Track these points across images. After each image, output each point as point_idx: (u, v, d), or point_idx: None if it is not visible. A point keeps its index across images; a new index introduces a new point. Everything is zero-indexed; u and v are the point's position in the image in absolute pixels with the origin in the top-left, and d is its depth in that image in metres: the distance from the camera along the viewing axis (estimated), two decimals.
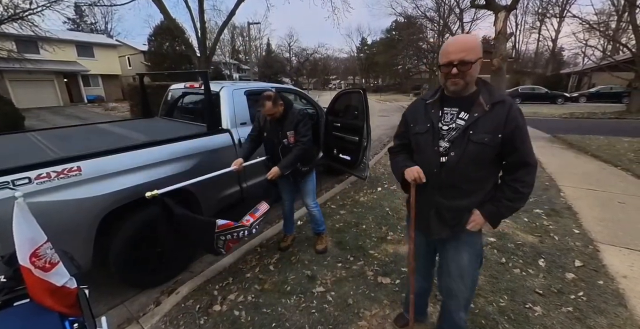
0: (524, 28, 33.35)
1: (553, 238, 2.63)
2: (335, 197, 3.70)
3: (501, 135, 1.08)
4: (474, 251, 1.26)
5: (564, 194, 3.64)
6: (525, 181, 1.13)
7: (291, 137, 2.14)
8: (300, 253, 2.49)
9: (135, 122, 3.62)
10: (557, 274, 2.16)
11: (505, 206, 1.17)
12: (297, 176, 2.29)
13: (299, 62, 44.32)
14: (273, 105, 2.03)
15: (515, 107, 1.08)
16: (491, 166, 1.17)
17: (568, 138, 7.14)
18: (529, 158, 1.12)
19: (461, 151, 1.12)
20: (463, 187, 1.18)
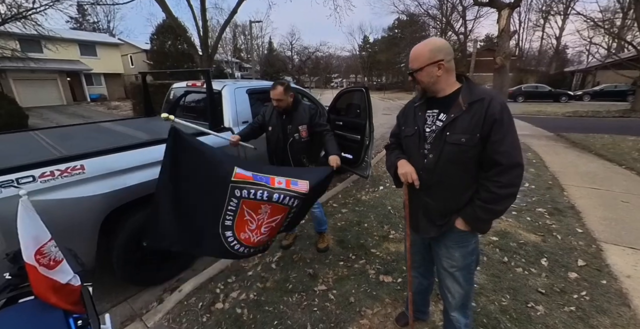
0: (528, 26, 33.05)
1: (556, 237, 2.62)
2: (337, 196, 3.70)
3: (479, 134, 1.06)
4: (466, 251, 1.25)
5: (567, 193, 3.62)
6: (500, 181, 1.07)
7: (303, 132, 2.10)
8: (302, 251, 2.50)
9: (138, 121, 3.63)
10: (559, 273, 2.15)
11: (479, 207, 1.13)
12: None
13: (300, 61, 44.23)
14: (284, 92, 2.00)
15: (495, 103, 1.05)
16: (474, 167, 1.14)
17: (571, 137, 7.10)
18: (505, 156, 1.05)
19: (438, 152, 1.15)
20: (447, 188, 1.18)
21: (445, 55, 1.10)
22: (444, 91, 1.16)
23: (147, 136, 2.48)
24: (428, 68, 1.11)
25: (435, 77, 1.13)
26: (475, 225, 1.19)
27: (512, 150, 1.06)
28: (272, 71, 35.07)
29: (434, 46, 1.11)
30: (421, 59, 1.12)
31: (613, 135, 7.17)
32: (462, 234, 1.21)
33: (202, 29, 10.85)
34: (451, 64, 1.13)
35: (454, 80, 1.17)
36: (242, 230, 1.65)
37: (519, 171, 1.08)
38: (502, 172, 1.06)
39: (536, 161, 5.11)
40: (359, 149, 3.46)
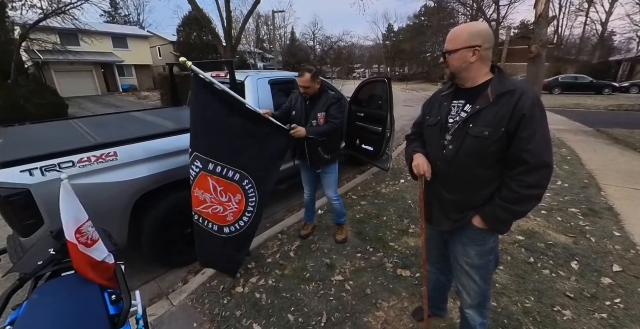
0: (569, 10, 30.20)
1: (589, 240, 2.45)
2: (357, 188, 3.68)
3: (505, 129, 1.00)
4: (483, 249, 1.20)
5: (605, 194, 3.36)
6: (525, 180, 1.01)
7: (321, 119, 2.12)
8: (321, 242, 2.52)
9: (166, 111, 3.77)
10: (591, 278, 2.02)
11: (499, 206, 1.07)
12: (318, 163, 2.27)
13: (322, 51, 43.62)
14: (312, 78, 2.02)
15: (527, 97, 0.98)
16: (500, 163, 1.07)
17: (614, 133, 6.50)
18: (533, 155, 0.98)
19: (458, 144, 1.10)
20: (464, 182, 1.14)
21: (484, 42, 1.04)
22: (473, 81, 1.11)
23: (174, 125, 2.58)
24: (463, 52, 1.05)
25: (468, 64, 1.07)
26: (494, 225, 1.13)
27: (541, 149, 0.99)
28: (295, 62, 34.89)
29: (474, 29, 1.05)
30: (458, 41, 1.06)
31: None
32: (479, 232, 1.17)
33: (226, 20, 10.96)
34: (488, 53, 1.07)
35: (487, 71, 1.10)
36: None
37: (547, 172, 1.01)
38: (528, 171, 1.00)
39: (571, 158, 4.76)
40: (380, 142, 3.39)
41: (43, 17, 9.81)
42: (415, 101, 15.12)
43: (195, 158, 1.74)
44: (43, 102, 9.32)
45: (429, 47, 35.51)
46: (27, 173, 1.56)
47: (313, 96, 2.11)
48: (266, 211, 3.23)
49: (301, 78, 2.02)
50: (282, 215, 3.16)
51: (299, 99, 2.18)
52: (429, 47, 35.51)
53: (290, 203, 3.39)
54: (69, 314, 0.80)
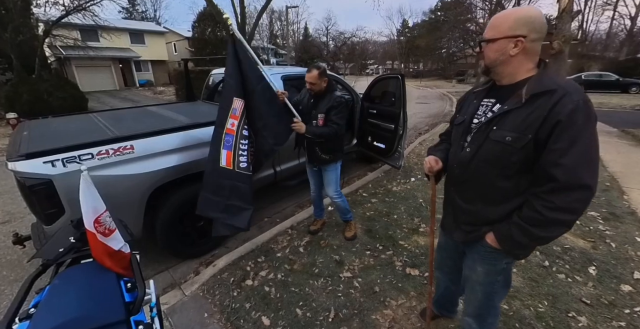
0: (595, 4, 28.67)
1: (609, 245, 2.36)
2: (368, 185, 3.66)
3: (533, 136, 0.85)
4: (492, 269, 1.09)
5: (628, 198, 3.21)
6: (552, 201, 0.84)
7: (320, 120, 2.12)
8: (330, 238, 2.53)
9: (180, 106, 3.84)
10: (609, 284, 1.94)
11: (517, 225, 0.92)
12: (315, 161, 2.27)
13: (336, 47, 43.24)
14: (319, 76, 2.02)
15: (569, 99, 0.81)
16: (524, 176, 0.93)
17: (639, 133, 6.20)
18: (565, 172, 0.81)
19: (476, 147, 0.99)
20: (479, 191, 1.02)
21: (531, 31, 0.86)
22: (512, 77, 0.94)
23: (189, 120, 2.62)
24: (503, 42, 0.89)
25: (507, 56, 0.90)
26: (508, 246, 0.98)
27: (578, 165, 0.81)
28: (307, 57, 34.81)
29: (522, 15, 0.87)
30: (499, 28, 0.90)
31: None
32: (491, 250, 1.04)
33: (240, 16, 11.02)
34: (535, 45, 0.89)
35: (531, 66, 0.92)
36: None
37: (583, 194, 0.83)
38: (557, 191, 0.84)
39: None
40: (393, 139, 3.35)
41: (65, 14, 10.13)
42: (429, 98, 14.80)
43: (246, 107, 1.93)
44: (64, 96, 9.69)
45: (445, 43, 34.55)
46: (50, 164, 1.63)
47: (318, 93, 2.10)
48: (276, 205, 3.29)
49: (309, 74, 2.02)
50: (292, 210, 3.18)
51: (307, 94, 2.19)
52: (445, 43, 34.55)
53: (301, 199, 3.41)
54: (88, 299, 0.83)
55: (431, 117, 9.20)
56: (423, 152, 5.16)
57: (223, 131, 1.88)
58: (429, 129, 7.17)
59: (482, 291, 1.16)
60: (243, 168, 1.92)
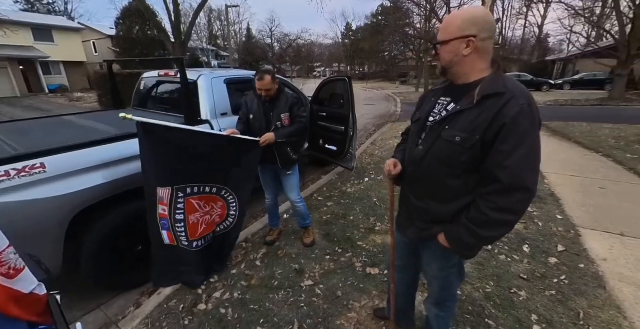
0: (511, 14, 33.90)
1: (537, 224, 2.77)
2: (322, 189, 3.73)
3: (480, 136, 0.89)
4: (447, 264, 1.18)
5: (548, 181, 3.82)
6: (495, 202, 0.90)
7: (286, 120, 2.13)
8: (288, 247, 2.51)
9: (106, 114, 3.46)
10: (540, 259, 2.28)
11: (464, 227, 0.97)
12: (288, 164, 2.26)
13: (281, 49, 43.42)
14: (272, 80, 2.02)
15: (515, 103, 0.86)
16: (472, 175, 0.97)
17: (552, 125, 7.43)
18: (508, 173, 0.86)
19: (428, 146, 1.03)
20: (430, 189, 1.07)
21: (481, 31, 0.90)
22: (466, 77, 0.99)
23: (117, 130, 2.37)
24: (455, 43, 0.93)
25: (461, 57, 0.94)
26: (458, 247, 1.03)
27: (520, 168, 0.86)
28: (252, 60, 34.26)
29: (469, 16, 0.92)
30: (450, 30, 0.94)
31: (591, 123, 7.57)
32: (443, 249, 1.09)
33: (174, 14, 10.40)
34: (486, 44, 0.93)
35: (485, 66, 0.97)
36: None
37: (525, 196, 0.88)
38: (501, 192, 0.89)
39: None
40: (344, 141, 3.47)
41: None
42: (376, 99, 15.75)
43: (175, 191, 1.83)
44: None
45: (387, 46, 37.23)
46: None
47: (272, 96, 2.09)
48: None
49: (262, 82, 2.00)
50: (246, 222, 3.07)
51: (255, 101, 2.14)
52: (387, 46, 37.23)
53: (254, 209, 3.32)
54: None
55: (379, 117, 9.80)
56: (376, 152, 5.45)
57: (157, 215, 1.85)
58: (376, 130, 7.61)
59: (439, 284, 1.26)
60: (186, 246, 1.97)
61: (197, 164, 1.87)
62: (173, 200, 1.84)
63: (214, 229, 2.12)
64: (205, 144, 1.90)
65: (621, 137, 6.05)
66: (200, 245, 2.04)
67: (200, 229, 2.01)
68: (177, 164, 1.82)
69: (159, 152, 1.76)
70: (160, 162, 1.77)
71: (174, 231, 1.90)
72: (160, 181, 1.80)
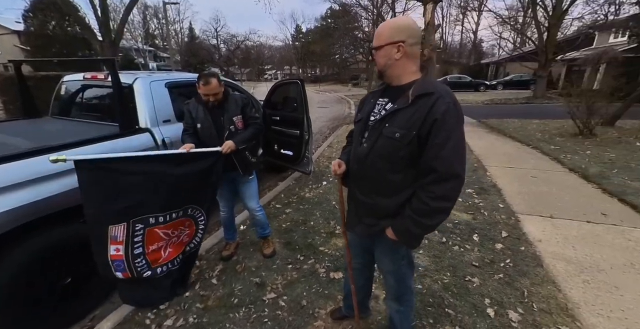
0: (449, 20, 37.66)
1: (483, 214, 3.07)
2: (280, 196, 3.69)
3: (417, 132, 1.01)
4: (396, 256, 1.28)
5: (490, 174, 4.27)
6: (433, 191, 1.02)
7: (239, 123, 2.07)
8: (247, 260, 2.42)
9: (14, 124, 3.01)
10: (488, 246, 2.53)
11: (409, 217, 1.08)
12: (250, 168, 2.21)
13: (228, 50, 42.23)
14: (219, 83, 1.95)
15: (442, 101, 0.99)
16: (410, 170, 1.09)
17: (490, 122, 8.39)
18: (442, 163, 0.99)
19: (372, 143, 1.14)
20: (375, 185, 1.18)
21: (408, 37, 1.05)
22: (399, 79, 1.13)
23: (31, 143, 2.07)
24: (387, 48, 1.08)
25: (393, 60, 1.09)
26: (405, 238, 1.14)
27: (451, 158, 1.00)
28: (196, 62, 32.72)
29: (396, 25, 1.09)
30: (381, 37, 1.09)
31: (521, 119, 8.73)
32: (392, 243, 1.20)
33: (100, 8, 9.46)
34: (414, 49, 1.08)
35: (414, 69, 1.12)
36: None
37: (456, 183, 1.02)
38: (436, 181, 1.01)
39: None
40: (299, 145, 3.49)
41: None
42: (329, 102, 16.16)
43: (132, 225, 1.67)
44: None
45: (337, 49, 38.47)
46: None
47: (220, 101, 2.03)
48: None
49: (208, 86, 1.92)
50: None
51: (199, 107, 2.04)
52: (337, 49, 38.47)
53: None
54: None
55: (334, 120, 10.06)
56: (333, 154, 5.57)
57: (107, 258, 1.67)
58: (331, 132, 7.80)
59: (394, 277, 1.35)
60: (149, 275, 1.83)
61: (157, 190, 1.70)
62: (130, 235, 1.67)
63: (183, 250, 1.98)
64: (162, 166, 1.73)
65: (545, 131, 7.06)
66: (166, 269, 1.89)
67: (165, 253, 1.86)
68: (133, 196, 1.64)
69: (107, 187, 1.58)
70: (111, 198, 1.59)
71: (132, 268, 1.72)
72: (112, 218, 1.61)
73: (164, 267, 1.88)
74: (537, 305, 1.88)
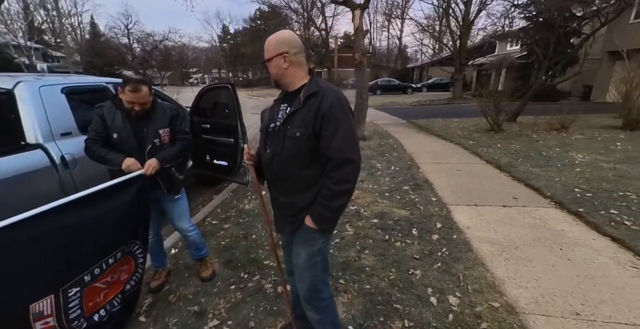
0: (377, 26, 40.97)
1: (419, 209, 3.38)
2: (216, 211, 3.51)
3: (312, 128, 1.18)
4: (312, 250, 1.33)
5: (422, 170, 4.74)
6: (334, 176, 1.18)
7: (165, 136, 1.92)
8: (181, 287, 2.23)
9: None
10: (426, 238, 2.79)
11: (322, 204, 1.22)
12: (176, 186, 2.04)
13: (144, 51, 38.72)
14: (150, 91, 1.80)
15: (326, 98, 1.17)
16: (316, 164, 1.24)
17: (418, 122, 9.35)
18: (335, 152, 1.16)
19: (277, 146, 1.27)
20: (290, 184, 1.30)
21: (290, 47, 1.22)
22: (293, 85, 1.29)
23: None
24: (275, 59, 1.23)
25: (283, 70, 1.25)
26: (319, 223, 1.26)
27: (342, 146, 1.16)
28: (103, 63, 29.17)
29: (279, 37, 1.24)
30: (269, 50, 1.25)
31: (445, 118, 9.93)
32: (310, 231, 1.30)
33: None
34: (298, 57, 1.25)
35: (303, 74, 1.29)
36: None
37: (352, 167, 1.19)
38: (335, 168, 1.17)
39: (397, 146, 6.44)
40: (234, 154, 3.37)
41: None
42: (264, 107, 16.00)
43: (64, 293, 1.43)
44: None
45: None
46: None
47: (146, 110, 1.86)
48: None
49: (137, 94, 1.74)
50: None
51: (117, 114, 1.82)
52: None
53: None
54: None
55: None
56: None
57: None
58: None
59: (308, 275, 1.38)
60: (85, 327, 1.57)
61: (81, 244, 1.45)
62: (62, 304, 1.42)
63: (122, 289, 1.76)
64: (76, 214, 1.44)
65: (465, 128, 8.15)
66: (105, 313, 1.65)
67: (101, 296, 1.63)
68: (52, 263, 1.37)
69: (19, 260, 1.29)
70: (17, 276, 1.29)
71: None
72: (31, 296, 1.33)
73: (102, 311, 1.63)
74: (471, 287, 2.13)
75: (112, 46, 35.27)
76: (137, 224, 1.76)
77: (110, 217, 1.57)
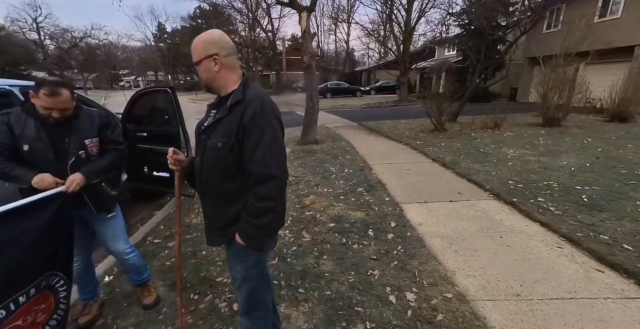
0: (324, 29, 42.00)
1: (374, 209, 3.52)
2: (158, 228, 3.26)
3: (234, 139, 1.12)
4: (247, 265, 1.29)
5: (375, 171, 4.95)
6: (257, 192, 1.12)
7: (92, 147, 1.73)
8: (119, 320, 2.01)
9: None
10: (382, 237, 2.91)
11: (246, 221, 1.16)
12: (106, 204, 1.85)
13: (60, 49, 34.68)
14: (72, 97, 1.61)
15: (250, 106, 1.10)
16: (243, 176, 1.17)
17: (368, 124, 9.78)
18: (256, 166, 1.10)
19: (201, 156, 1.22)
20: (216, 196, 1.24)
21: (220, 49, 1.16)
22: (225, 89, 1.22)
23: None
24: (205, 62, 1.16)
25: (214, 73, 1.18)
26: (247, 240, 1.20)
27: (265, 159, 1.10)
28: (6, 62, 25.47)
29: (206, 38, 1.17)
30: (197, 52, 1.17)
31: (393, 120, 10.52)
32: (242, 248, 1.24)
33: None
34: (230, 59, 1.19)
35: (236, 78, 1.22)
36: None
37: (274, 183, 1.12)
38: (257, 183, 1.11)
39: (349, 148, 6.65)
40: None
41: None
42: None
43: None
44: None
45: None
46: None
47: (68, 117, 1.66)
48: None
49: (57, 98, 1.53)
50: None
51: (28, 122, 1.59)
52: None
53: None
54: None
55: None
56: None
57: None
58: None
59: (245, 288, 1.34)
60: None
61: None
62: None
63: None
64: None
65: (412, 129, 8.72)
66: None
67: None
68: None
69: None
70: None
71: None
72: None
73: None
74: (426, 281, 2.26)
75: (16, 43, 30.97)
76: (57, 251, 1.51)
77: (19, 246, 1.33)
